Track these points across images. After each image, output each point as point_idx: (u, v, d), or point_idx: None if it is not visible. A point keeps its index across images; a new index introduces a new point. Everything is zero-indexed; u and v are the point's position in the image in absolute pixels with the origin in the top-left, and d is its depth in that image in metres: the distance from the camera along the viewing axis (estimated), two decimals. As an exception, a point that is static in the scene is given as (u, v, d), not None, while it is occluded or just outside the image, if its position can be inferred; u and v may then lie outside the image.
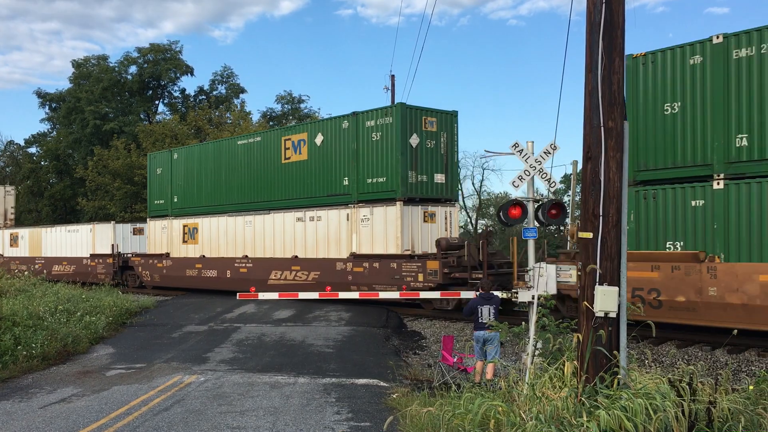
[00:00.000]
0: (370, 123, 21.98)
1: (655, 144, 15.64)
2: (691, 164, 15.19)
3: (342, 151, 22.91)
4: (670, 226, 15.38)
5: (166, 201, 30.77)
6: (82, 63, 56.83)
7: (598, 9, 7.41)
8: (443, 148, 22.54)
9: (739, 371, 13.25)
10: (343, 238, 22.89)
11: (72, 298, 21.62)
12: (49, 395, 11.71)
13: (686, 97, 15.29)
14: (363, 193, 22.36)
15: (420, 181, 21.80)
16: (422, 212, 21.97)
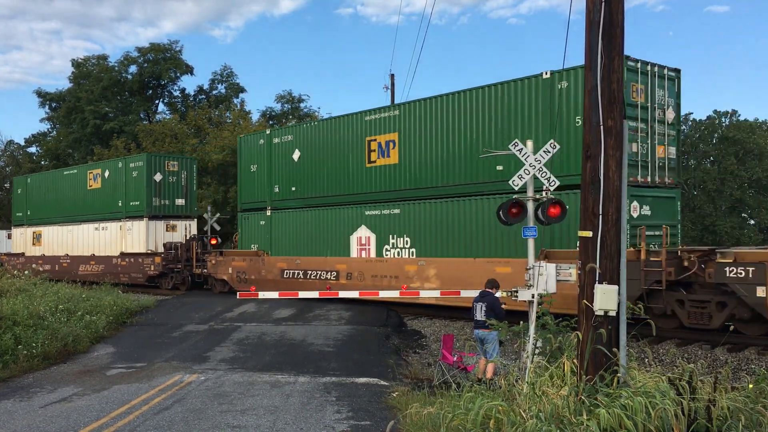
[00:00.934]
0: (132, 164, 33.04)
1: (249, 188, 27.53)
2: (260, 200, 26.91)
3: (120, 183, 33.56)
4: (254, 235, 27.13)
5: (23, 214, 41.07)
6: (82, 62, 56.84)
7: (597, 8, 7.42)
8: (183, 181, 33.60)
9: (739, 369, 13.27)
10: (117, 242, 33.57)
11: (72, 298, 21.62)
12: (50, 394, 11.73)
13: (260, 162, 26.93)
14: (128, 212, 32.95)
15: (163, 204, 32.63)
16: (164, 225, 32.78)
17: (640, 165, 16.94)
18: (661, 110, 17.50)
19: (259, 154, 26.72)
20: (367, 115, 22.62)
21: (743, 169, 56.30)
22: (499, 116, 18.83)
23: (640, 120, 16.88)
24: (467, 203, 19.49)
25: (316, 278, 23.80)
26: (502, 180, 17.60)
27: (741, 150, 58.67)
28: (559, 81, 17.38)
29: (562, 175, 15.14)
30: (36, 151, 62.23)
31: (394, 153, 21.62)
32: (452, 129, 20.03)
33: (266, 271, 25.77)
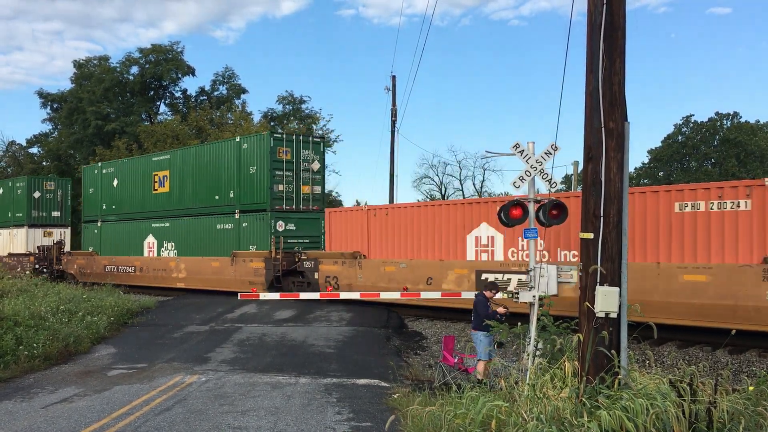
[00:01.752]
0: (18, 184, 40.75)
1: (88, 205, 36.83)
2: (94, 215, 35.81)
3: (9, 199, 41.30)
4: (90, 240, 35.42)
5: None
6: (84, 63, 56.92)
7: (598, 10, 7.43)
8: (59, 197, 41.39)
9: (739, 372, 13.27)
10: (7, 244, 41.38)
11: (73, 298, 21.66)
12: (51, 395, 11.74)
13: (95, 186, 36.16)
14: (15, 222, 40.91)
15: (41, 215, 40.67)
16: (42, 232, 40.60)
17: (286, 198, 26.26)
18: (306, 163, 26.93)
19: (94, 180, 35.78)
20: (153, 156, 32.80)
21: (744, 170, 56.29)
22: (214, 163, 28.61)
23: (286, 170, 26.24)
24: (204, 219, 28.88)
25: (124, 271, 32.78)
26: (221, 205, 28.04)
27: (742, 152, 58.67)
28: (243, 143, 27.31)
29: (245, 203, 27.16)
30: (37, 151, 62.31)
31: (167, 184, 31.06)
32: (195, 169, 29.54)
33: (96, 266, 34.37)
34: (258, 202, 26.32)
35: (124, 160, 35.73)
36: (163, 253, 30.73)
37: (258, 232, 26.19)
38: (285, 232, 25.51)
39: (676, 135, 63.20)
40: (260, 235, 25.96)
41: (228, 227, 27.35)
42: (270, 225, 25.59)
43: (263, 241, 25.67)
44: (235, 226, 27.10)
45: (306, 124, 53.00)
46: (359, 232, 22.82)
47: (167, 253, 30.49)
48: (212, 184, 28.15)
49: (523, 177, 11.22)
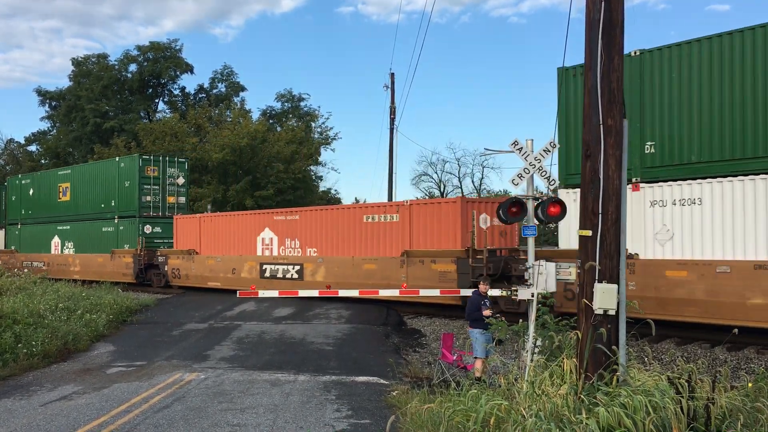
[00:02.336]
0: None
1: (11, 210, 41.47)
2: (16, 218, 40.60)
3: None
4: (13, 240, 40.22)
5: None
6: (82, 61, 56.82)
7: (597, 7, 7.43)
8: None
9: (738, 369, 13.29)
10: None
11: (72, 296, 21.66)
12: (50, 393, 11.74)
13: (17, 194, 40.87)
14: None
15: None
16: None
17: (153, 206, 32.13)
18: (172, 178, 32.86)
19: (16, 189, 40.48)
20: (59, 171, 38.34)
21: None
22: (102, 178, 34.14)
23: (153, 184, 32.08)
24: (94, 223, 34.21)
25: (37, 266, 36.25)
26: (106, 212, 33.45)
27: (741, 149, 58.66)
28: (120, 163, 33.33)
29: (122, 210, 32.98)
30: (36, 149, 62.23)
31: (69, 194, 36.26)
32: (89, 183, 34.81)
33: (17, 262, 38.08)
34: (130, 210, 32.16)
35: (39, 173, 41.81)
36: (65, 251, 36.24)
37: (130, 234, 32.01)
38: (152, 234, 31.77)
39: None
40: (131, 237, 31.84)
41: (110, 230, 33.32)
42: (138, 228, 31.51)
43: (133, 241, 31.58)
44: (115, 229, 33.04)
45: (305, 122, 52.94)
46: (195, 234, 29.18)
47: (68, 251, 36.02)
48: (100, 195, 34.07)
49: (522, 174, 11.23)
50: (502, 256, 19.05)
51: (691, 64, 15.56)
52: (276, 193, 42.57)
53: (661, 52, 16.02)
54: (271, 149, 43.08)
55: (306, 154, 46.70)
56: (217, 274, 27.32)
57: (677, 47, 15.85)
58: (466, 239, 19.43)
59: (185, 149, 42.79)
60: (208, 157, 41.52)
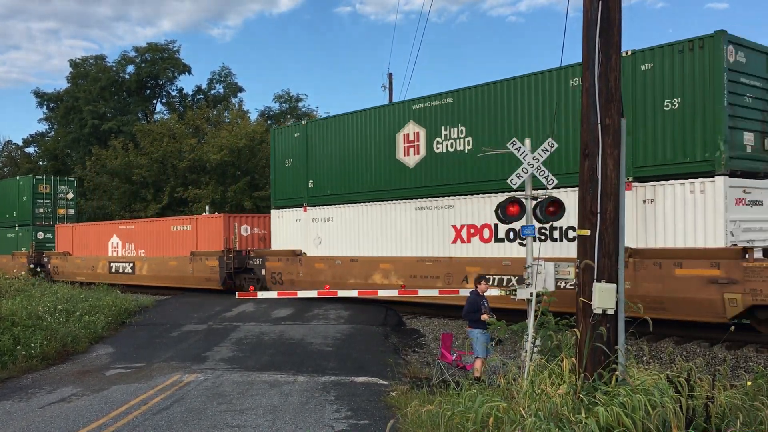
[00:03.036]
0: None
1: None
2: None
3: None
4: None
5: None
6: (80, 62, 56.73)
7: (594, 6, 7.43)
8: None
9: (737, 367, 13.29)
10: None
11: (71, 298, 21.64)
12: (49, 395, 11.72)
13: None
14: None
15: None
16: None
17: (45, 217, 39.54)
18: (62, 194, 40.34)
19: None
20: None
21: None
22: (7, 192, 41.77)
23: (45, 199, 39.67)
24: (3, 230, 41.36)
25: None
26: (10, 221, 40.74)
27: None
28: (20, 181, 40.93)
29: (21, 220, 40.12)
30: (34, 151, 62.15)
31: None
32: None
33: None
34: (26, 219, 39.41)
35: None
36: None
37: (26, 239, 39.22)
38: (43, 239, 39.15)
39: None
40: (27, 241, 39.05)
41: (12, 236, 40.54)
42: (32, 235, 38.88)
43: (29, 245, 38.89)
44: (16, 235, 40.17)
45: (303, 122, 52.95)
46: (69, 239, 36.48)
47: None
48: (7, 206, 41.23)
49: (520, 174, 11.23)
50: (246, 255, 26.95)
51: (329, 132, 23.54)
52: (275, 193, 42.49)
53: (317, 122, 25.28)
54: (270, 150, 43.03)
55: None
56: (82, 270, 35.17)
57: (324, 121, 25.09)
58: (228, 243, 27.73)
59: (183, 150, 42.74)
60: (207, 158, 41.46)
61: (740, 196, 14.93)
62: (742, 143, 14.85)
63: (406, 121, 20.91)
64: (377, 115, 21.90)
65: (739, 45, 14.70)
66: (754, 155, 15.14)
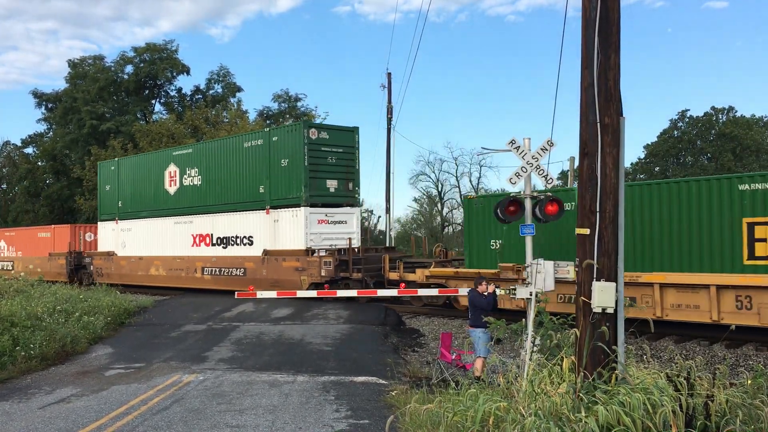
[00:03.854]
0: None
1: None
2: None
3: None
4: None
5: None
6: (79, 63, 56.70)
7: (593, 5, 7.42)
8: None
9: (737, 366, 13.29)
10: None
11: (70, 299, 21.62)
12: (48, 396, 11.71)
13: None
14: None
15: None
16: None
17: None
18: None
19: None
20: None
21: (740, 165, 56.28)
22: None
23: None
24: None
25: None
26: None
27: (738, 146, 58.69)
28: None
29: None
30: (33, 151, 62.11)
31: None
32: None
33: None
34: None
35: None
36: None
37: None
38: None
39: (672, 130, 63.20)
40: None
41: None
42: None
43: None
44: None
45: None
46: None
47: None
48: None
49: (519, 173, 11.22)
50: (83, 255, 35.88)
51: (129, 167, 33.50)
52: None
53: (125, 159, 34.93)
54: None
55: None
56: None
57: (128, 159, 34.92)
58: (72, 246, 36.19)
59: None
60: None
61: (323, 218, 24.52)
62: (325, 187, 24.70)
63: (169, 163, 30.36)
64: (154, 158, 31.87)
65: (321, 127, 25.16)
66: (336, 193, 25.04)
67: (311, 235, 24.00)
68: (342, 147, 25.08)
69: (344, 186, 25.24)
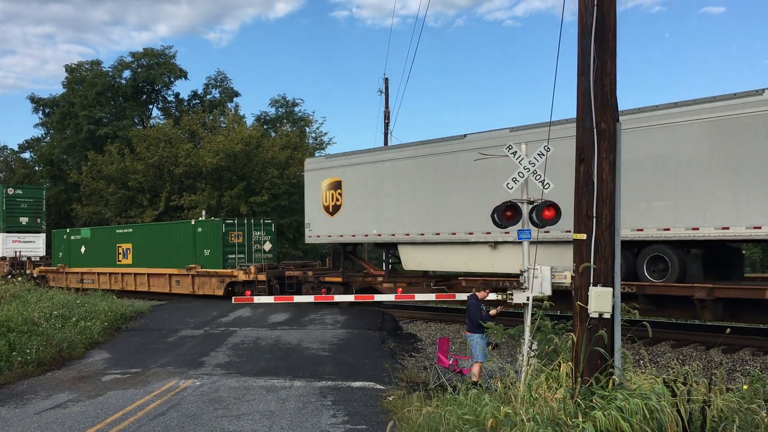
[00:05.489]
0: None
1: None
2: None
3: None
4: None
5: None
6: (76, 68, 56.63)
7: (589, 11, 7.44)
8: None
9: (733, 371, 13.31)
10: None
11: (67, 304, 21.58)
12: (45, 401, 11.68)
13: None
14: None
15: None
16: None
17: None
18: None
19: None
20: None
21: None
22: None
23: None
24: None
25: None
26: None
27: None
28: None
29: None
30: (30, 156, 62.00)
31: None
32: None
33: None
34: None
35: None
36: None
37: None
38: None
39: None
40: None
41: None
42: None
43: None
44: None
45: (299, 127, 52.90)
46: None
47: None
48: None
49: (516, 178, 11.23)
50: None
51: None
52: (271, 198, 42.50)
53: None
54: (266, 155, 42.99)
55: (301, 160, 46.61)
56: None
57: None
58: None
59: (179, 155, 42.68)
60: (203, 163, 41.40)
61: (17, 239, 42.12)
62: (19, 221, 42.60)
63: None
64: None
65: (23, 187, 45.11)
66: (27, 225, 43.15)
67: (7, 249, 41.50)
68: (33, 199, 44.38)
69: (34, 220, 43.91)
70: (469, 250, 19.44)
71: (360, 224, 22.58)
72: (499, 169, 15.62)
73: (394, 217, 21.42)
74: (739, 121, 14.22)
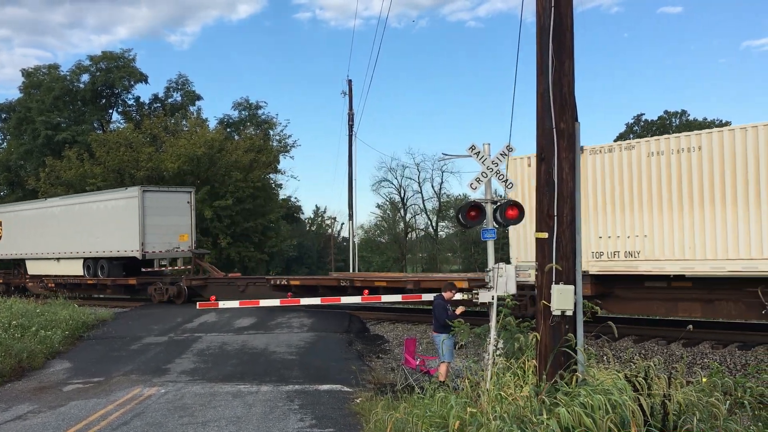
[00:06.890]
0: None
1: None
2: None
3: None
4: None
5: None
6: (33, 72, 55.43)
7: (547, 13, 7.54)
8: None
9: (693, 364, 13.59)
10: None
11: (26, 313, 21.09)
12: (4, 413, 11.41)
13: None
14: None
15: None
16: None
17: None
18: None
19: None
20: None
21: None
22: None
23: None
24: None
25: None
26: None
27: (692, 149, 60.00)
28: None
29: None
30: (-14, 163, 60.50)
31: None
32: None
33: None
34: None
35: None
36: None
37: None
38: None
39: (628, 134, 64.43)
40: None
41: None
42: None
43: None
44: None
45: (263, 130, 52.57)
46: None
47: None
48: None
49: (480, 178, 11.33)
50: None
51: None
52: (235, 202, 42.14)
53: None
54: (229, 158, 42.64)
55: (265, 162, 46.32)
56: None
57: None
58: None
59: (141, 159, 42.06)
60: (164, 167, 40.86)
61: None
62: None
63: None
64: None
65: None
66: None
67: None
68: None
69: None
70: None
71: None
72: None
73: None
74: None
